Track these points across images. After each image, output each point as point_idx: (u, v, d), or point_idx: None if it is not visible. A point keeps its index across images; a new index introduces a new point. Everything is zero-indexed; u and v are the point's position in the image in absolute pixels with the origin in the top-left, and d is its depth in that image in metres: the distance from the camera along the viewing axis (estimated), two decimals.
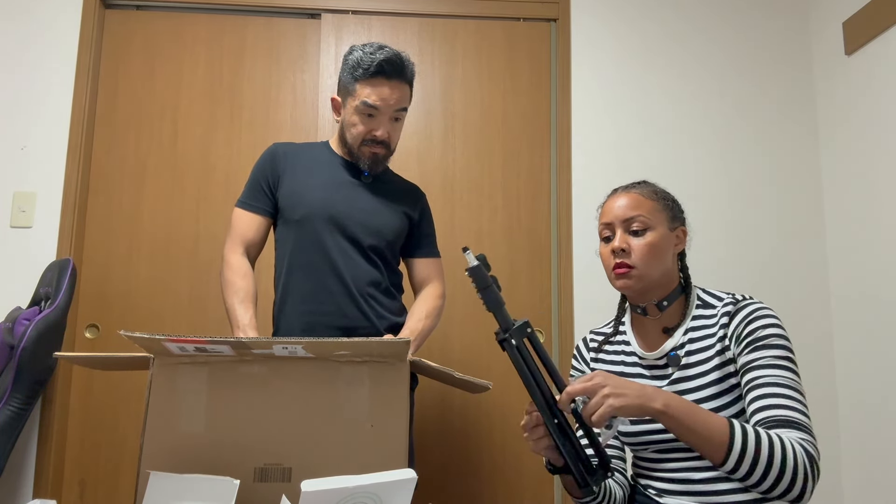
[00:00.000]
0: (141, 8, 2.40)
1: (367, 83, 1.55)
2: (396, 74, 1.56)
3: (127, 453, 2.18)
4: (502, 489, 2.25)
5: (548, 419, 0.96)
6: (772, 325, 1.13)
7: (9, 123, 2.25)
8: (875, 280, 2.13)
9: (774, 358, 1.09)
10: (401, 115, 1.62)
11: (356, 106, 1.56)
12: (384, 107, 1.56)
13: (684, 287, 1.25)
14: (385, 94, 1.55)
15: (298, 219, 1.59)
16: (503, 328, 0.97)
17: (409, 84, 1.61)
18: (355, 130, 1.59)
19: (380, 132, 1.58)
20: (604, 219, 1.24)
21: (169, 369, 1.03)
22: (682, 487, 1.15)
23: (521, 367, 0.96)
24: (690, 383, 1.16)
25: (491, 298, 0.96)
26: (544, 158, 2.42)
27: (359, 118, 1.58)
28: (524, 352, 0.97)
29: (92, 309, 2.23)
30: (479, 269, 0.96)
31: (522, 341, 0.97)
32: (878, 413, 2.10)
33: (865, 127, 2.21)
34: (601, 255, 1.26)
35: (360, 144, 1.60)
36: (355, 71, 1.56)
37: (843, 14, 2.32)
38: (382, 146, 1.61)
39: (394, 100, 1.57)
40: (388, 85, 1.55)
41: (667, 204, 1.26)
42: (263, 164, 1.66)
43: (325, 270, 1.57)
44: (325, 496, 0.82)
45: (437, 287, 1.72)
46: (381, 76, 1.54)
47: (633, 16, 2.49)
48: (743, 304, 1.17)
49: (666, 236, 1.22)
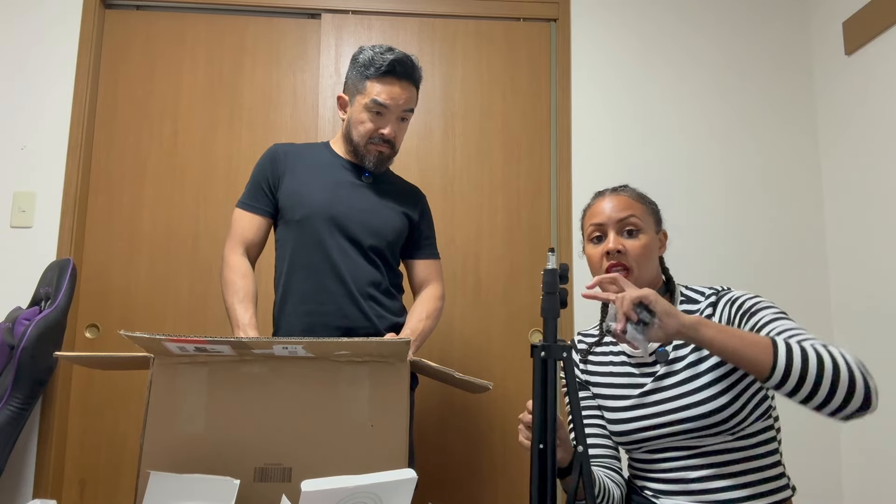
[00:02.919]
0: (141, 8, 2.40)
1: (378, 81, 1.57)
2: (406, 75, 1.59)
3: (127, 453, 2.18)
4: (502, 489, 2.25)
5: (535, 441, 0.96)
6: (756, 297, 1.16)
7: (9, 123, 2.25)
8: (875, 280, 2.13)
9: (772, 313, 1.11)
10: (407, 116, 1.64)
11: (365, 104, 1.58)
12: (393, 106, 1.58)
13: (668, 286, 1.26)
14: (395, 94, 1.58)
15: (299, 219, 1.60)
16: (545, 339, 0.97)
17: (416, 86, 1.64)
18: (363, 128, 1.60)
19: (387, 130, 1.60)
20: (594, 219, 1.24)
21: (169, 369, 1.03)
22: (678, 487, 1.15)
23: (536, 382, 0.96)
24: (682, 374, 1.16)
25: (549, 306, 0.96)
26: (544, 158, 2.42)
27: (367, 116, 1.59)
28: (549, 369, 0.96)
29: (92, 309, 2.23)
30: (552, 273, 0.96)
31: (553, 361, 0.96)
32: (878, 413, 2.10)
33: (865, 127, 2.20)
34: (590, 256, 1.26)
35: (367, 142, 1.61)
36: (367, 69, 1.58)
37: (843, 14, 2.32)
38: (388, 145, 1.62)
39: (403, 100, 1.59)
40: (399, 85, 1.58)
41: (652, 208, 1.28)
42: (264, 165, 1.67)
43: (326, 271, 1.57)
44: (325, 496, 0.82)
45: (437, 288, 1.73)
46: (392, 76, 1.57)
47: (633, 16, 2.49)
48: (724, 292, 1.21)
49: (654, 239, 1.25)
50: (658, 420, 1.16)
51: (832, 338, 2.33)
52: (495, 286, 2.34)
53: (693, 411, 1.13)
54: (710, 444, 1.14)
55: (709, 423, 1.11)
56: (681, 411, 1.14)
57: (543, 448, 0.94)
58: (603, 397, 1.26)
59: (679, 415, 1.14)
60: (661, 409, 1.16)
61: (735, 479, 1.12)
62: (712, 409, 1.11)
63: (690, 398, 1.14)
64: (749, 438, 1.14)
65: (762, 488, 1.12)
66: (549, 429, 0.94)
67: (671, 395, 1.16)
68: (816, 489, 2.24)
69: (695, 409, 1.13)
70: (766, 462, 1.14)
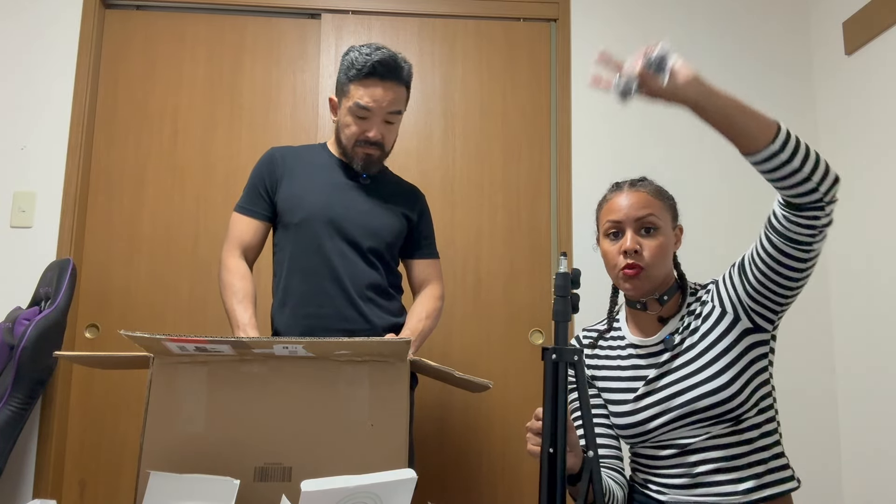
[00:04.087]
0: (141, 8, 2.40)
1: (361, 84, 1.54)
2: (391, 76, 1.55)
3: (127, 453, 2.18)
4: (502, 489, 2.25)
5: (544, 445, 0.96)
6: None
7: (9, 123, 2.25)
8: (875, 279, 2.13)
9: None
10: (393, 118, 1.60)
11: (349, 107, 1.56)
12: (376, 108, 1.55)
13: (680, 282, 1.26)
14: (378, 96, 1.54)
15: (297, 222, 1.59)
16: (556, 342, 0.97)
17: (405, 85, 1.60)
18: (349, 131, 1.59)
19: (372, 133, 1.57)
20: (612, 216, 1.22)
21: (169, 369, 1.03)
22: (683, 481, 1.16)
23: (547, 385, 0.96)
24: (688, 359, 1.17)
25: (560, 309, 0.96)
26: (544, 158, 2.42)
27: (352, 119, 1.57)
28: (560, 373, 0.96)
29: (92, 309, 2.23)
30: (564, 276, 0.96)
31: (564, 364, 0.96)
32: (878, 413, 2.10)
33: (865, 127, 2.20)
34: (606, 252, 1.24)
35: (354, 145, 1.60)
36: (349, 71, 1.55)
37: (843, 14, 2.32)
38: (376, 147, 1.60)
39: (387, 101, 1.55)
40: (382, 86, 1.54)
41: (670, 203, 1.27)
42: (261, 169, 1.66)
43: (324, 274, 1.57)
44: (325, 496, 0.82)
45: (437, 288, 1.73)
46: (375, 77, 1.54)
47: (633, 16, 2.49)
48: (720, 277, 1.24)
49: (670, 236, 1.23)
50: (664, 406, 1.16)
51: (832, 334, 2.33)
52: (495, 286, 2.34)
53: (698, 392, 1.13)
54: (715, 436, 1.14)
55: (714, 407, 1.12)
56: (686, 393, 1.14)
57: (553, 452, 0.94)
58: (609, 391, 1.26)
59: (685, 397, 1.14)
60: (667, 394, 1.17)
61: (740, 472, 1.13)
62: (716, 390, 1.12)
63: (695, 379, 1.15)
64: (752, 430, 1.14)
65: (767, 479, 1.13)
66: (558, 433, 0.94)
67: (676, 377, 1.17)
68: (816, 489, 2.24)
69: (699, 390, 1.13)
70: (771, 453, 1.15)
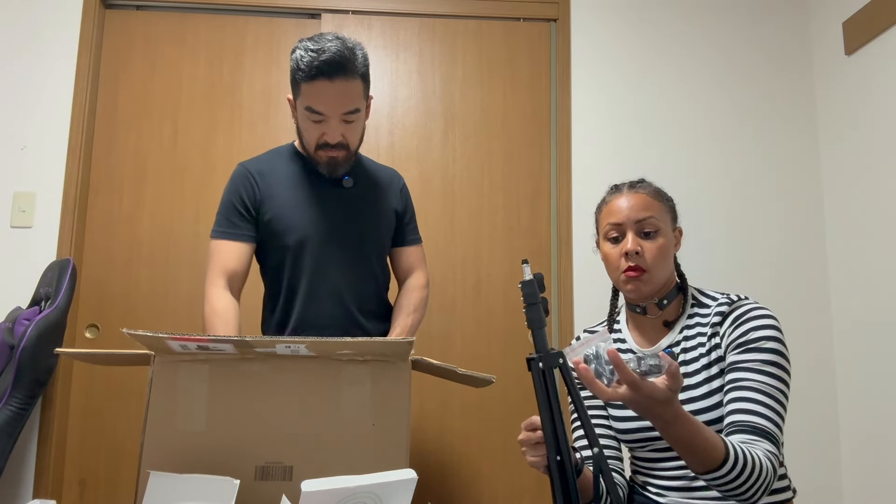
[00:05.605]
0: (141, 8, 2.40)
1: (309, 86, 1.39)
2: (340, 73, 1.38)
3: (127, 453, 2.17)
4: (502, 489, 2.25)
5: (551, 453, 0.95)
6: (764, 327, 1.11)
7: (9, 123, 2.25)
8: (875, 279, 2.13)
9: (761, 363, 1.08)
10: (351, 117, 1.45)
11: (303, 110, 1.43)
12: (329, 111, 1.42)
13: (680, 286, 1.26)
14: (329, 99, 1.40)
15: (292, 245, 1.50)
16: (537, 349, 0.97)
17: (359, 77, 1.42)
18: (307, 136, 1.48)
19: (330, 137, 1.45)
20: (612, 218, 1.22)
21: (170, 367, 1.02)
22: (681, 483, 1.15)
23: (540, 394, 0.96)
24: (685, 368, 1.16)
25: (534, 316, 0.96)
26: (544, 158, 2.42)
27: (308, 123, 1.45)
28: (549, 379, 0.96)
29: (92, 309, 2.23)
30: (530, 284, 0.96)
31: (551, 369, 0.96)
32: (878, 413, 2.10)
33: (865, 127, 2.21)
34: (607, 255, 1.24)
35: (316, 149, 1.48)
36: (297, 73, 1.40)
37: (843, 14, 2.32)
38: (339, 149, 1.47)
39: (340, 103, 1.41)
40: (332, 87, 1.38)
41: (669, 205, 1.26)
42: (237, 188, 1.52)
43: (327, 295, 1.51)
44: (326, 496, 0.81)
45: (421, 276, 1.67)
46: (322, 78, 1.37)
47: (633, 16, 2.49)
48: (737, 304, 1.16)
49: (671, 238, 1.23)
50: None
51: (832, 335, 2.33)
52: (495, 286, 2.34)
53: (694, 407, 1.13)
54: None
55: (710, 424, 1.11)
56: (685, 405, 1.13)
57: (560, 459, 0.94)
58: None
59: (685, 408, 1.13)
60: None
61: None
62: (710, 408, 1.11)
63: (692, 393, 1.14)
64: None
65: None
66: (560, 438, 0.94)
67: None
68: (816, 489, 2.24)
69: (695, 406, 1.13)
70: None
